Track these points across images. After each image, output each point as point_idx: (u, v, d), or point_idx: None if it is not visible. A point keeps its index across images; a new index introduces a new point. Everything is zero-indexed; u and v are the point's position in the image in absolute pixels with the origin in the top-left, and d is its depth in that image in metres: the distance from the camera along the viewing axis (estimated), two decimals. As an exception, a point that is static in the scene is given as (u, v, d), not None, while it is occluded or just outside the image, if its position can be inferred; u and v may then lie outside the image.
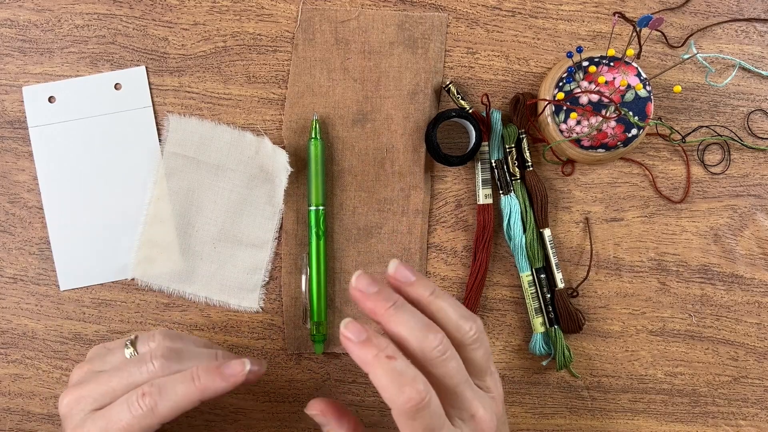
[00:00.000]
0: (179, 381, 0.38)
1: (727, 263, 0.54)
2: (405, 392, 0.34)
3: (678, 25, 0.54)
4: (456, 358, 0.37)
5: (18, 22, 0.51)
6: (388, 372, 0.34)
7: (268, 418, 0.52)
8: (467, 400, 0.37)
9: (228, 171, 0.51)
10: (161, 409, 0.37)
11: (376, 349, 0.35)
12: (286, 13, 0.52)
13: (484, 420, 0.37)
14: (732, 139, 0.53)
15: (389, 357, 0.35)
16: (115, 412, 0.38)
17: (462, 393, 0.37)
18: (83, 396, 0.39)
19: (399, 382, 0.34)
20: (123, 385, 0.39)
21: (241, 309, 0.52)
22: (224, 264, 0.51)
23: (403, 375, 0.34)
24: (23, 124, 0.51)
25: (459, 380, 0.37)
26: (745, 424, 0.54)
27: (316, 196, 0.50)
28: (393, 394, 0.34)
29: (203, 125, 0.51)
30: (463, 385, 0.37)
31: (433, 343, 0.36)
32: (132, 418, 0.37)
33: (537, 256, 0.52)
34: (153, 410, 0.37)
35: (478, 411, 0.37)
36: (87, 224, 0.51)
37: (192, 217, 0.51)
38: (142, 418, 0.37)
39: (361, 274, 0.37)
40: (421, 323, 0.36)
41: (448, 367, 0.36)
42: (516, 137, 0.52)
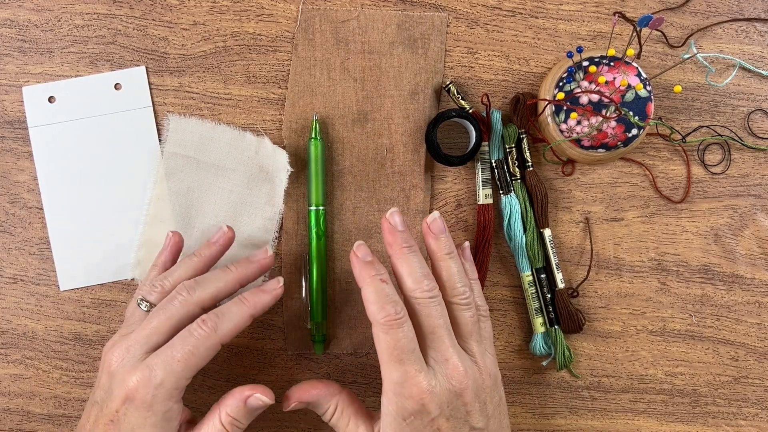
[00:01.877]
0: (233, 305, 0.43)
1: (728, 263, 0.54)
2: (385, 309, 0.40)
3: (678, 25, 0.54)
4: (441, 306, 0.42)
5: (18, 22, 0.51)
6: (377, 290, 0.41)
7: (268, 418, 0.52)
8: (444, 344, 0.42)
9: (228, 171, 0.51)
10: (222, 329, 0.42)
11: (375, 271, 0.42)
12: (286, 13, 0.52)
13: (457, 368, 0.41)
14: (732, 139, 0.53)
15: (382, 280, 0.41)
16: (177, 341, 0.41)
17: (440, 336, 0.42)
18: (131, 345, 0.42)
19: (383, 300, 0.41)
20: (163, 320, 0.43)
21: None
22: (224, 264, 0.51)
23: (388, 296, 0.41)
24: (23, 124, 0.51)
25: (439, 324, 0.42)
26: (745, 424, 0.54)
27: (316, 196, 0.50)
28: (375, 308, 0.41)
29: (203, 125, 0.51)
30: (442, 330, 0.42)
31: (426, 287, 0.42)
32: (196, 341, 0.41)
33: (537, 256, 0.52)
34: (215, 330, 0.42)
35: (452, 357, 0.41)
36: (87, 224, 0.51)
37: (192, 217, 0.51)
38: (206, 338, 0.41)
39: (397, 212, 0.44)
40: (422, 270, 0.42)
41: (431, 308, 0.42)
42: (516, 137, 0.52)
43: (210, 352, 0.42)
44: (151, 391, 0.40)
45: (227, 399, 0.43)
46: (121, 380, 0.41)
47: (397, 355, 0.40)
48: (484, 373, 0.43)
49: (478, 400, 0.42)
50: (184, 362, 0.41)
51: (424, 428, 0.40)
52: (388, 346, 0.40)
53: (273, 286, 0.45)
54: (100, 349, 0.52)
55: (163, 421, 0.41)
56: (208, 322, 0.42)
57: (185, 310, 0.43)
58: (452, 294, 0.44)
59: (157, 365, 0.41)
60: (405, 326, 0.40)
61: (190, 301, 0.43)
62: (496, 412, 0.43)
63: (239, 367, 0.52)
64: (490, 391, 0.43)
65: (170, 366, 0.41)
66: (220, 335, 0.42)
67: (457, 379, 0.41)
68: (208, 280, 0.44)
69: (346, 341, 0.52)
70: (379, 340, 0.41)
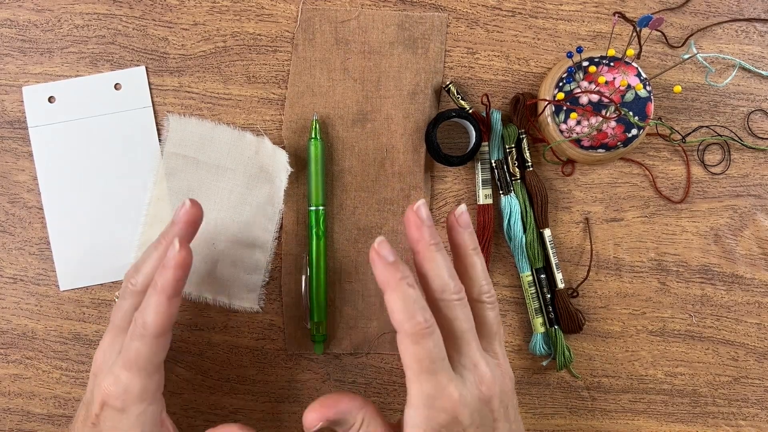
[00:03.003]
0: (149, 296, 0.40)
1: (728, 263, 0.54)
2: (414, 318, 0.37)
3: (678, 25, 0.54)
4: (467, 308, 0.40)
5: (18, 22, 0.51)
6: (404, 297, 0.37)
7: (268, 418, 0.52)
8: (472, 350, 0.40)
9: (228, 171, 0.51)
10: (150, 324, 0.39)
11: (401, 274, 0.38)
12: (286, 13, 0.52)
13: (486, 374, 0.39)
14: (732, 139, 0.53)
15: (409, 284, 0.38)
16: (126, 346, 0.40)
17: (468, 341, 0.39)
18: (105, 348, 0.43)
19: (412, 308, 0.37)
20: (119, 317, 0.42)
21: (241, 309, 0.52)
22: (224, 264, 0.51)
23: (416, 302, 0.37)
24: (23, 124, 0.51)
25: (467, 328, 0.39)
26: (745, 425, 0.54)
27: (316, 196, 0.50)
28: (403, 317, 0.37)
29: (203, 125, 0.51)
30: (470, 335, 0.40)
31: (453, 288, 0.39)
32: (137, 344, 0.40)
33: (537, 257, 0.52)
34: (145, 326, 0.39)
35: (480, 363, 0.39)
36: (87, 224, 0.51)
37: None
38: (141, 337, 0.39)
39: (424, 205, 0.41)
40: (449, 269, 0.40)
41: (459, 311, 0.39)
42: (516, 137, 0.52)
43: (156, 347, 0.40)
44: (120, 396, 0.40)
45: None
46: (98, 385, 0.41)
47: (428, 366, 0.37)
48: (506, 376, 0.41)
49: (503, 405, 0.40)
50: (137, 365, 0.40)
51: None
52: (419, 358, 0.37)
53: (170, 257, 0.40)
54: (100, 349, 0.52)
55: (138, 423, 0.40)
56: (138, 321, 0.40)
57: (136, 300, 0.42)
58: (478, 292, 0.42)
59: (119, 371, 0.40)
60: (435, 334, 0.38)
61: (137, 290, 0.42)
62: (516, 416, 0.42)
63: (239, 367, 0.52)
64: (511, 395, 0.41)
65: (128, 369, 0.40)
66: (152, 330, 0.39)
67: (487, 385, 0.39)
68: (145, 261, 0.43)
69: (346, 341, 0.52)
70: (407, 351, 0.38)
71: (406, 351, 0.38)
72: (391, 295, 0.38)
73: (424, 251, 0.40)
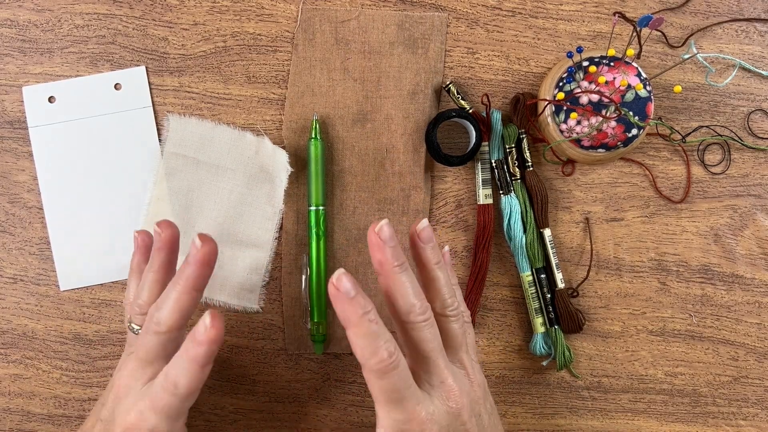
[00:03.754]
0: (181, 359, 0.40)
1: (728, 263, 0.54)
2: (378, 354, 0.37)
3: (678, 25, 0.54)
4: (434, 327, 0.40)
5: (18, 22, 0.51)
6: (366, 333, 0.37)
7: (268, 418, 0.52)
8: (439, 367, 0.40)
9: (228, 171, 0.51)
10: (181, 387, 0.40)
11: (362, 309, 0.37)
12: (286, 13, 0.52)
13: (453, 389, 0.40)
14: (732, 139, 0.53)
15: (371, 320, 0.37)
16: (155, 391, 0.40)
17: (435, 360, 0.40)
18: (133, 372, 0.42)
19: (375, 344, 0.37)
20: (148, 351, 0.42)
21: (241, 309, 0.52)
22: (224, 264, 0.51)
23: (379, 338, 0.37)
24: (23, 124, 0.51)
25: (433, 347, 0.40)
26: (745, 425, 0.54)
27: (316, 196, 0.50)
28: (367, 354, 0.37)
29: (203, 125, 0.51)
30: (437, 353, 0.40)
31: (419, 310, 0.39)
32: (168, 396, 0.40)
33: (537, 256, 0.52)
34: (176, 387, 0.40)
35: (447, 379, 0.40)
36: (87, 224, 0.51)
37: (192, 217, 0.51)
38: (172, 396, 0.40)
39: (387, 224, 0.39)
40: (414, 289, 0.40)
41: (425, 332, 0.40)
42: (516, 137, 0.52)
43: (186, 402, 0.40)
44: None
45: None
46: (123, 412, 0.41)
47: (395, 397, 0.38)
48: (475, 384, 0.42)
49: (474, 414, 0.41)
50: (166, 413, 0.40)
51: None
52: (384, 390, 0.38)
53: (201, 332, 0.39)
54: (100, 348, 0.52)
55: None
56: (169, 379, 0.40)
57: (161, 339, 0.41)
58: (441, 306, 0.42)
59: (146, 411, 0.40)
60: (400, 365, 0.38)
61: (160, 331, 0.41)
62: (491, 420, 0.43)
63: (239, 367, 0.52)
64: (482, 402, 0.42)
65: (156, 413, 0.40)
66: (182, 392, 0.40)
67: (454, 399, 0.40)
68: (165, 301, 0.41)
69: (346, 341, 0.52)
70: (374, 385, 0.38)
71: (373, 385, 0.38)
72: (354, 332, 0.37)
73: (388, 273, 0.39)
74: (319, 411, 0.52)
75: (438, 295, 0.42)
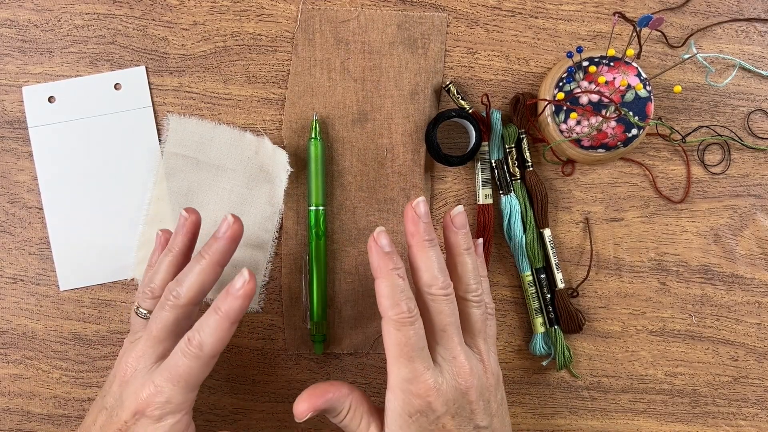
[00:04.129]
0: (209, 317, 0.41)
1: (727, 263, 0.54)
2: (399, 305, 0.40)
3: (678, 25, 0.54)
4: (453, 304, 0.42)
5: (18, 22, 0.51)
6: (393, 285, 0.40)
7: (268, 418, 0.52)
8: (453, 342, 0.42)
9: (228, 171, 0.51)
10: (208, 346, 0.41)
11: (393, 264, 0.40)
12: (286, 13, 0.52)
13: (464, 366, 0.41)
14: (732, 139, 0.53)
15: (399, 276, 0.40)
16: (173, 361, 0.41)
17: (450, 334, 0.42)
18: (140, 355, 0.42)
19: (398, 296, 0.40)
20: (160, 328, 0.42)
21: None
22: None
23: (403, 293, 0.40)
24: (23, 124, 0.51)
25: (450, 322, 0.42)
26: (745, 425, 0.54)
27: (316, 196, 0.50)
28: (389, 303, 0.40)
29: (203, 125, 0.51)
30: (452, 328, 0.42)
31: (441, 284, 0.41)
32: (189, 361, 0.41)
33: (537, 256, 0.52)
34: (202, 348, 0.41)
35: (459, 356, 0.41)
36: (87, 224, 0.51)
37: None
38: (196, 358, 0.41)
39: (422, 201, 0.43)
40: (440, 264, 0.42)
41: (444, 305, 0.41)
42: (516, 137, 0.52)
43: (206, 367, 0.41)
44: (160, 407, 0.41)
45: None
46: (132, 393, 0.41)
47: (407, 352, 0.40)
48: (488, 371, 0.43)
49: (483, 398, 0.42)
50: (185, 380, 0.41)
51: (429, 425, 0.40)
52: (399, 343, 0.40)
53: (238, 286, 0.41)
54: (100, 348, 0.52)
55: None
56: (193, 341, 0.41)
57: (177, 313, 0.42)
58: (465, 290, 0.44)
59: (163, 383, 0.41)
60: (416, 324, 0.40)
61: (178, 304, 0.42)
62: (499, 410, 0.43)
63: (239, 367, 0.52)
64: (493, 390, 0.43)
65: (174, 384, 0.41)
66: (207, 352, 0.41)
67: (464, 377, 0.41)
68: (187, 275, 0.43)
69: (346, 341, 0.52)
70: (389, 336, 0.40)
71: (388, 336, 0.40)
72: (381, 282, 0.41)
73: (418, 245, 0.42)
74: (319, 411, 0.52)
75: (463, 278, 0.43)
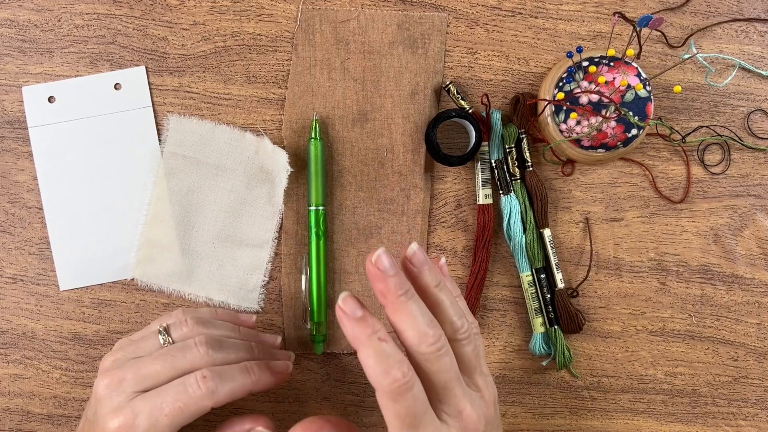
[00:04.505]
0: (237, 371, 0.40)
1: (727, 263, 0.54)
2: (390, 374, 0.34)
3: (678, 25, 0.54)
4: (450, 355, 0.37)
5: (18, 22, 0.51)
6: (377, 353, 0.35)
7: (268, 418, 0.52)
8: (456, 397, 0.37)
9: (228, 171, 0.51)
10: (219, 394, 0.39)
11: (371, 330, 0.35)
12: (286, 13, 0.52)
13: (471, 417, 0.37)
14: (732, 139, 0.53)
15: (380, 339, 0.35)
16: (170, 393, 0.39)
17: (452, 389, 0.37)
18: (125, 378, 0.40)
19: (386, 364, 0.35)
20: (167, 368, 0.40)
21: (241, 309, 0.52)
22: (224, 264, 0.51)
23: (390, 357, 0.35)
24: (23, 124, 0.51)
25: (450, 376, 0.37)
26: (745, 425, 0.54)
27: (316, 196, 0.50)
28: (378, 374, 0.35)
29: (203, 125, 0.51)
30: (454, 382, 0.37)
31: (432, 339, 0.36)
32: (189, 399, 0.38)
33: (537, 256, 0.52)
34: (213, 393, 0.39)
35: (465, 408, 0.37)
36: (87, 224, 0.51)
37: (192, 217, 0.51)
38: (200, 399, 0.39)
39: (384, 253, 0.36)
40: (424, 318, 0.36)
41: (442, 362, 0.37)
42: (516, 137, 0.52)
43: (200, 412, 0.39)
44: None
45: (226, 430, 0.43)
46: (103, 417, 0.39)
47: (410, 422, 0.35)
48: (490, 405, 0.40)
49: None
50: (171, 418, 0.39)
51: None
52: (399, 415, 0.35)
53: (282, 369, 0.43)
54: (100, 348, 0.52)
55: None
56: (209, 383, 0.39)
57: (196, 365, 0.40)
58: (452, 330, 0.38)
59: (143, 413, 0.38)
60: (414, 388, 0.35)
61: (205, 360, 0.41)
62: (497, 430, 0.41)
63: (239, 367, 0.52)
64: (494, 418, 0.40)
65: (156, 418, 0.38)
66: (215, 399, 0.39)
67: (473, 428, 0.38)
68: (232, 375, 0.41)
69: (346, 341, 0.52)
70: (387, 409, 0.35)
71: (386, 408, 0.36)
72: (363, 353, 0.35)
73: (394, 304, 0.36)
74: (319, 411, 0.52)
75: (445, 318, 0.38)
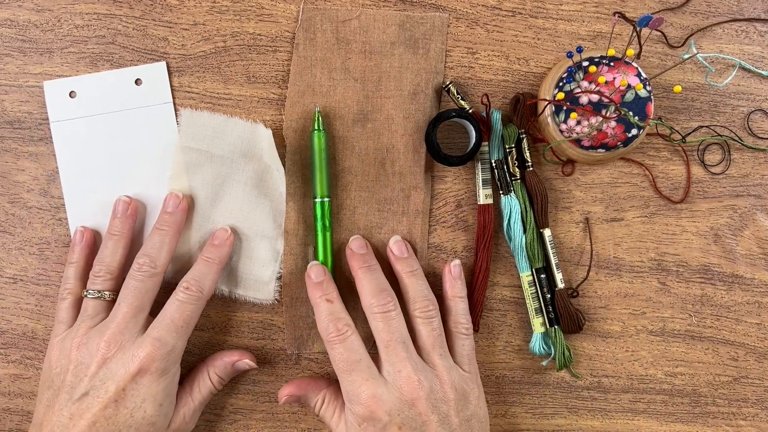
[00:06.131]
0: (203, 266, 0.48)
1: (727, 263, 0.54)
2: (328, 327, 0.45)
3: (678, 25, 0.54)
4: (397, 320, 0.46)
5: (18, 22, 0.51)
6: (321, 310, 0.46)
7: (268, 418, 0.52)
8: (398, 358, 0.45)
9: (242, 163, 0.51)
10: (206, 289, 0.47)
11: (321, 292, 0.47)
12: (286, 13, 0.52)
13: (409, 378, 0.44)
14: (732, 139, 0.54)
15: (328, 300, 0.46)
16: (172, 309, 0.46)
17: (393, 349, 0.45)
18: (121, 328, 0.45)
19: (327, 319, 0.46)
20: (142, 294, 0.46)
21: (257, 301, 0.51)
22: (240, 256, 0.51)
23: (332, 314, 0.46)
24: (23, 124, 0.51)
25: (393, 338, 0.45)
26: (745, 425, 0.54)
27: (321, 188, 0.50)
28: (321, 327, 0.46)
29: (215, 118, 0.51)
30: (395, 343, 0.45)
31: (380, 301, 0.46)
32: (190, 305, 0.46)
33: (537, 256, 0.52)
34: (201, 291, 0.47)
35: (405, 368, 0.44)
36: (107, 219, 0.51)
37: (207, 210, 0.51)
38: (196, 300, 0.46)
39: (357, 238, 0.50)
40: (378, 286, 0.47)
41: (384, 322, 0.45)
42: (516, 137, 0.52)
43: (201, 310, 0.47)
44: (164, 357, 0.44)
45: (215, 361, 0.49)
46: (128, 358, 0.44)
47: (343, 366, 0.44)
48: (446, 385, 0.45)
49: (437, 411, 0.43)
50: (186, 325, 0.46)
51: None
52: (335, 360, 0.45)
53: (223, 237, 0.49)
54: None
55: (173, 382, 0.46)
56: (193, 287, 0.46)
57: (153, 281, 0.46)
58: (413, 308, 0.47)
59: (164, 334, 0.45)
60: (348, 340, 0.45)
61: (155, 272, 0.46)
62: (464, 426, 0.44)
63: (239, 367, 0.52)
64: (454, 405, 0.44)
65: (176, 331, 0.45)
66: (207, 294, 0.47)
67: (408, 389, 0.43)
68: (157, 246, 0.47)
69: (346, 341, 0.52)
70: (330, 356, 0.45)
71: (330, 356, 0.45)
72: (315, 310, 0.47)
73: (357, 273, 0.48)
74: (319, 411, 0.52)
75: (410, 297, 0.48)
